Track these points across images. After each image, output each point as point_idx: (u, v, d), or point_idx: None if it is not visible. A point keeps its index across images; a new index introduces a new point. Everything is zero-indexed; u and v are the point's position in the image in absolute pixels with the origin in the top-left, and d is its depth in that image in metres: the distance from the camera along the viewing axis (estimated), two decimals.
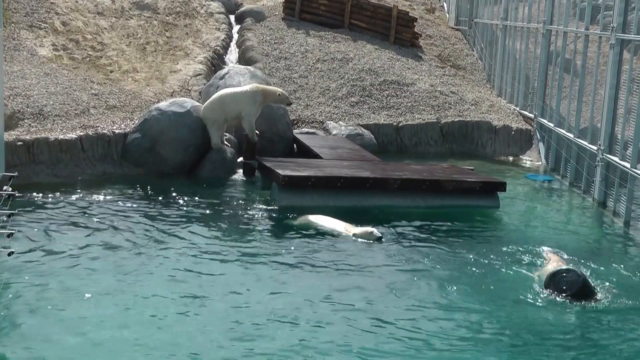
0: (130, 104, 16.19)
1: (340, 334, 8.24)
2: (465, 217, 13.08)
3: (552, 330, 8.66)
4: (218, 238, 11.19)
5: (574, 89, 16.37)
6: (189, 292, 9.14)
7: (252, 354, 7.75)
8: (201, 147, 14.85)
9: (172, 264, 10.05)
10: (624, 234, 12.92)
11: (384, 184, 13.36)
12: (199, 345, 7.85)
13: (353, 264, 10.42)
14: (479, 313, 9.02)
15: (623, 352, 8.23)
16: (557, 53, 17.74)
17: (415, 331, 8.45)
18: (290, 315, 8.64)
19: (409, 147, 18.38)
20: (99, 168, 14.38)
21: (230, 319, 8.47)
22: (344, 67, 20.04)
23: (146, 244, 10.73)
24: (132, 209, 12.37)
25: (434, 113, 18.99)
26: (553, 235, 12.60)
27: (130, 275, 9.56)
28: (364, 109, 18.67)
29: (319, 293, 9.33)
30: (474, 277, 10.18)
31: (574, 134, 15.86)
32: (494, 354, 8.05)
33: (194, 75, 18.30)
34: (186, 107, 14.96)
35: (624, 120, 13.65)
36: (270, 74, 19.14)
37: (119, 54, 18.69)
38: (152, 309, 8.62)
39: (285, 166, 13.54)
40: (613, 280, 10.20)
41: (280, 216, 12.56)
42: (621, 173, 13.61)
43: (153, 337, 7.96)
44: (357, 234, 11.51)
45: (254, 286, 9.48)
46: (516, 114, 19.64)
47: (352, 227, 11.69)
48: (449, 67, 22.17)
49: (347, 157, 15.11)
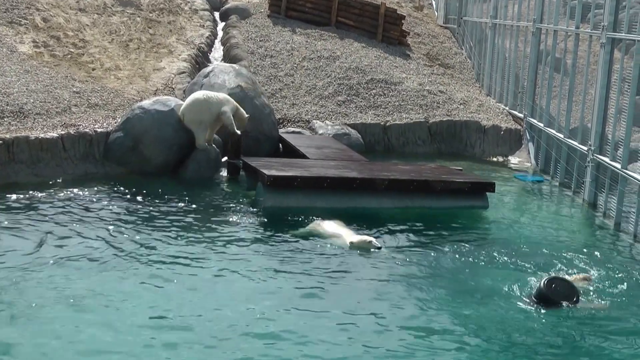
0: (112, 102, 16.12)
1: (316, 338, 8.21)
2: (453, 218, 13.09)
3: (537, 333, 8.67)
4: (201, 240, 11.13)
5: (564, 88, 16.42)
6: (168, 295, 9.09)
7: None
8: (185, 147, 14.80)
9: (153, 266, 9.98)
10: (615, 236, 12.96)
11: (371, 184, 13.35)
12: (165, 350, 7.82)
13: (335, 266, 10.38)
14: (464, 315, 9.01)
15: (609, 354, 8.25)
16: (547, 52, 17.79)
17: (401, 334, 8.45)
18: (270, 321, 8.63)
19: (397, 147, 18.38)
20: (81, 168, 14.30)
21: (204, 326, 8.43)
22: (331, 65, 20.02)
23: (126, 245, 10.64)
24: (114, 209, 12.30)
25: (422, 112, 19.00)
26: (542, 236, 12.62)
27: (107, 276, 9.50)
28: (351, 108, 18.66)
29: (300, 297, 9.30)
30: (462, 279, 10.18)
31: (564, 134, 15.90)
32: (479, 357, 8.06)
33: (178, 73, 18.24)
34: (170, 106, 14.91)
35: (615, 120, 13.70)
36: (255, 72, 19.11)
37: (101, 51, 18.61)
38: (125, 312, 8.57)
39: (271, 166, 13.51)
40: (602, 283, 10.22)
41: (265, 217, 12.53)
42: (612, 174, 13.66)
43: (127, 341, 7.93)
44: (354, 243, 11.14)
45: (235, 290, 9.44)
46: (505, 113, 19.68)
47: (352, 235, 11.41)
48: (437, 66, 22.19)
49: (333, 157, 15.09)
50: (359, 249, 11.03)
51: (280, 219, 12.41)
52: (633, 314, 9.34)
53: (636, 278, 10.72)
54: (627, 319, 9.20)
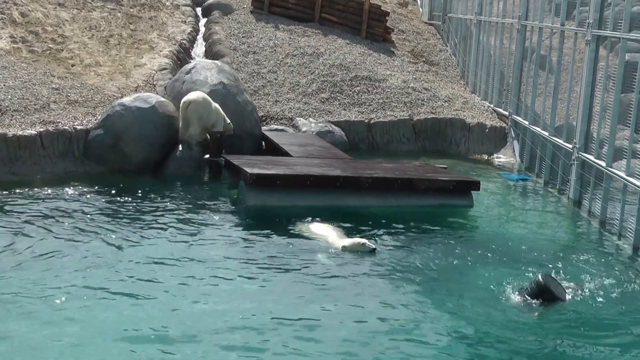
0: (92, 99, 16.05)
1: (297, 340, 8.23)
2: (438, 216, 13.12)
3: (521, 331, 8.71)
4: (182, 239, 11.11)
5: (549, 86, 16.49)
6: (147, 295, 9.06)
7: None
8: (166, 144, 14.77)
9: (132, 266, 9.95)
10: (599, 234, 13.04)
11: (355, 182, 13.36)
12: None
13: (319, 266, 10.40)
14: (449, 314, 9.04)
15: (592, 354, 8.30)
16: (532, 49, 17.85)
17: (387, 333, 8.47)
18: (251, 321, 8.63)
19: (381, 145, 18.40)
20: (60, 166, 14.24)
21: (182, 324, 8.42)
22: (314, 62, 20.02)
23: (106, 245, 10.62)
24: (94, 208, 12.25)
25: (407, 110, 19.03)
26: (527, 235, 12.68)
27: (84, 276, 9.46)
28: (335, 105, 18.67)
29: (282, 297, 9.31)
30: (446, 278, 10.20)
31: (549, 132, 15.97)
32: (462, 356, 8.09)
33: (159, 70, 18.18)
34: (151, 103, 14.87)
35: (600, 118, 13.78)
36: (238, 68, 19.08)
37: (81, 47, 18.51)
38: (100, 312, 8.54)
39: (253, 164, 13.50)
40: (586, 281, 10.27)
41: (248, 216, 12.52)
42: (597, 172, 13.73)
43: (99, 343, 7.91)
44: (347, 246, 11.00)
45: (216, 290, 9.43)
46: (490, 111, 19.74)
47: (342, 238, 11.32)
48: (421, 63, 22.23)
49: (317, 155, 15.10)
50: (352, 251, 10.95)
51: (263, 218, 12.41)
52: (617, 311, 9.39)
53: (620, 276, 10.78)
54: (610, 316, 9.26)
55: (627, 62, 13.11)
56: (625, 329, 9.00)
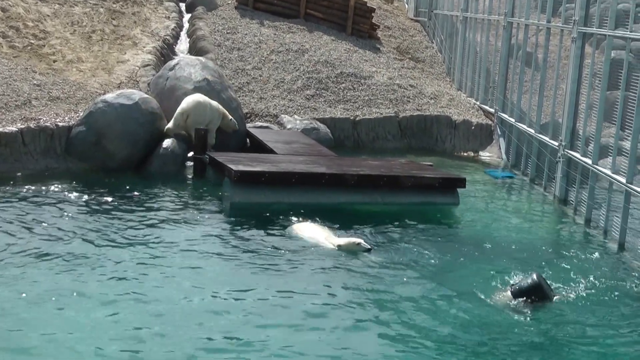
0: (74, 95, 15.99)
1: (285, 339, 8.24)
2: (423, 214, 13.16)
3: (507, 330, 8.75)
4: (166, 237, 11.09)
5: (535, 83, 16.56)
6: (129, 294, 9.05)
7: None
8: (150, 141, 14.75)
9: (115, 264, 9.92)
10: (585, 232, 13.11)
11: (340, 180, 13.38)
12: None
13: (304, 264, 10.40)
14: (435, 312, 9.07)
15: (577, 352, 8.35)
16: (518, 46, 17.93)
17: (373, 331, 8.49)
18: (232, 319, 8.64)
19: (366, 142, 18.43)
20: (41, 163, 14.19)
21: (165, 323, 8.41)
22: (300, 58, 20.02)
23: (87, 243, 10.58)
24: (76, 205, 12.22)
25: (392, 107, 19.06)
26: (513, 233, 12.74)
27: (65, 275, 9.44)
28: (320, 102, 18.68)
29: (268, 295, 9.31)
30: (432, 276, 10.22)
31: (535, 129, 16.04)
32: (447, 355, 8.12)
33: (143, 66, 18.13)
34: (134, 99, 14.84)
35: (586, 115, 13.85)
36: (222, 65, 19.05)
37: (63, 42, 18.44)
38: (85, 312, 8.51)
39: (238, 161, 13.49)
40: (571, 279, 10.33)
41: (232, 213, 12.52)
42: (582, 169, 13.81)
43: (85, 339, 7.90)
44: (342, 245, 10.94)
45: (201, 288, 9.42)
46: (476, 108, 19.81)
47: (335, 237, 11.28)
48: (407, 60, 22.27)
49: (302, 152, 15.10)
50: (347, 251, 10.88)
51: (248, 215, 12.40)
52: (603, 309, 9.45)
53: (606, 274, 10.85)
54: (596, 314, 9.31)
55: (613, 60, 13.19)
56: (611, 327, 9.06)
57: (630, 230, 12.08)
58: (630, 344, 8.67)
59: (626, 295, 10.13)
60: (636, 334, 8.96)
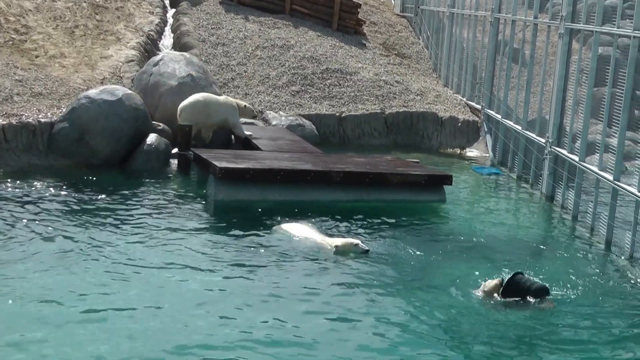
0: (57, 91, 15.91)
1: (267, 338, 8.21)
2: (410, 211, 13.16)
3: (493, 328, 8.77)
4: (149, 234, 11.04)
5: (522, 79, 16.58)
6: (112, 292, 9.00)
7: None
8: (134, 138, 14.69)
9: (98, 262, 9.88)
10: (572, 229, 13.14)
11: (325, 177, 13.36)
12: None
13: (288, 262, 10.37)
14: (421, 310, 9.07)
15: (563, 349, 8.37)
16: (505, 42, 17.95)
17: (357, 330, 8.48)
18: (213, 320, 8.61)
19: (352, 139, 18.42)
20: (23, 159, 14.11)
21: (147, 321, 8.38)
22: (285, 54, 19.98)
23: (70, 241, 10.51)
24: (58, 203, 12.15)
25: (378, 103, 19.06)
26: (500, 230, 12.76)
27: (46, 274, 9.36)
28: (305, 98, 18.65)
29: (251, 294, 9.27)
30: (417, 274, 10.22)
31: (522, 125, 16.07)
32: (432, 353, 8.12)
33: (126, 62, 18.06)
34: (117, 95, 14.77)
35: (573, 112, 13.88)
36: (207, 60, 19.00)
37: (45, 37, 18.33)
38: (64, 310, 8.47)
39: (222, 158, 13.45)
40: (558, 277, 10.35)
41: (216, 211, 12.49)
42: (569, 166, 13.84)
43: (61, 338, 7.87)
44: (339, 246, 10.80)
45: (184, 286, 9.39)
46: (463, 104, 19.83)
47: (329, 238, 11.17)
48: (394, 56, 22.27)
49: (287, 149, 15.07)
50: (345, 253, 10.75)
51: (233, 213, 12.37)
52: (590, 307, 9.47)
53: (593, 272, 10.89)
54: (583, 312, 9.33)
55: (600, 56, 13.22)
56: (599, 325, 9.07)
57: (617, 227, 12.11)
58: (615, 341, 8.68)
59: (612, 292, 10.17)
60: (620, 330, 8.98)
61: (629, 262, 11.35)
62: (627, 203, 12.10)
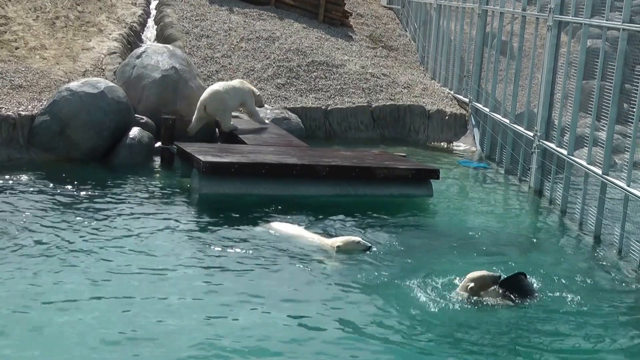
0: (38, 83, 15.83)
1: (248, 334, 8.19)
2: (396, 206, 13.16)
3: (481, 326, 8.79)
4: (132, 230, 10.98)
5: (510, 72, 16.61)
6: (93, 289, 8.96)
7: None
8: (116, 131, 14.64)
9: (79, 258, 9.83)
10: (560, 223, 13.18)
11: (311, 171, 13.35)
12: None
13: (271, 256, 10.34)
14: (408, 307, 9.07)
15: (553, 346, 8.38)
16: (493, 34, 17.96)
17: (342, 328, 8.47)
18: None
19: (338, 132, 18.41)
20: (3, 153, 14.03)
21: (128, 319, 8.35)
22: (270, 46, 19.94)
23: (50, 237, 10.44)
24: (39, 197, 12.09)
25: (365, 96, 19.05)
26: (488, 225, 12.77)
27: (25, 270, 9.31)
28: (291, 91, 18.62)
29: (234, 291, 9.23)
30: (404, 270, 10.20)
31: (510, 119, 16.10)
32: (421, 351, 8.12)
33: (108, 54, 17.98)
34: (100, 88, 14.71)
35: (561, 105, 13.91)
36: (190, 53, 18.93)
37: (25, 29, 18.22)
38: (42, 306, 8.43)
39: (206, 152, 13.42)
40: (546, 272, 10.37)
41: (200, 206, 12.46)
42: (558, 160, 13.87)
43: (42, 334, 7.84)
44: (341, 246, 10.57)
45: (167, 283, 9.35)
46: (450, 97, 19.85)
47: (329, 239, 10.93)
48: (380, 48, 22.26)
49: (272, 143, 15.05)
50: (347, 252, 10.58)
51: (217, 208, 12.35)
52: (578, 303, 9.49)
53: (581, 267, 10.92)
54: (571, 308, 9.36)
55: (589, 49, 13.24)
56: (587, 321, 9.09)
57: (606, 221, 12.15)
58: (601, 336, 8.70)
59: (600, 287, 10.20)
60: (607, 324, 9.00)
61: (618, 257, 11.38)
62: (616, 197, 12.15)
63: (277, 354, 7.79)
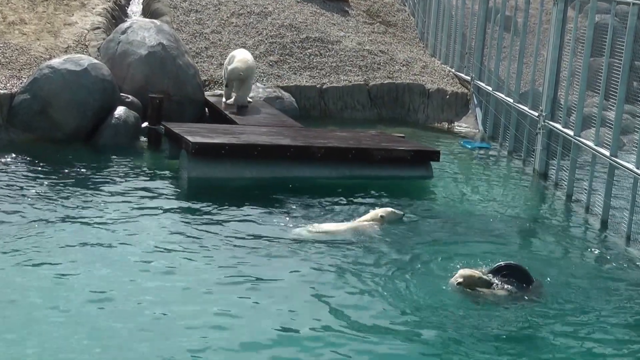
0: (17, 60, 15.78)
1: (239, 324, 8.20)
2: (395, 189, 13.17)
3: (474, 317, 8.81)
4: (117, 214, 10.97)
5: (515, 49, 16.59)
6: (76, 274, 8.97)
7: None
8: (100, 111, 14.62)
9: (62, 243, 9.81)
10: (566, 207, 13.20)
11: (306, 152, 13.35)
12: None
13: (264, 243, 10.35)
14: (404, 295, 9.08)
15: (553, 342, 8.40)
16: (496, 9, 17.93)
17: (336, 318, 8.49)
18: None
19: (334, 112, 18.40)
20: None
21: (111, 306, 8.36)
22: (262, 22, 19.89)
23: (31, 220, 10.44)
24: (19, 179, 12.08)
25: (362, 74, 19.03)
26: (490, 209, 12.78)
27: (7, 256, 9.30)
28: (284, 69, 18.60)
29: (223, 276, 9.25)
30: (403, 256, 10.21)
31: (514, 98, 16.09)
32: (414, 349, 8.13)
33: (92, 29, 17.92)
34: (83, 65, 14.68)
35: (568, 84, 13.90)
36: (178, 28, 18.88)
37: (3, 2, 18.15)
38: (22, 292, 8.44)
39: (196, 132, 13.41)
40: (551, 258, 10.40)
41: (189, 189, 12.45)
42: (564, 141, 13.87)
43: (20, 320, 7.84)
44: (385, 216, 11.15)
45: (154, 268, 9.35)
46: (451, 76, 19.82)
47: (348, 223, 11.09)
48: (378, 24, 22.21)
49: (265, 123, 15.05)
50: (390, 222, 11.11)
51: (206, 190, 12.35)
52: (585, 290, 9.52)
53: (587, 253, 10.95)
54: (578, 296, 9.38)
55: (597, 24, 13.22)
56: (593, 308, 9.12)
57: (614, 205, 12.16)
58: (610, 324, 8.73)
59: (607, 274, 10.23)
60: (615, 311, 9.03)
61: (625, 242, 11.40)
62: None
63: (268, 346, 7.82)
